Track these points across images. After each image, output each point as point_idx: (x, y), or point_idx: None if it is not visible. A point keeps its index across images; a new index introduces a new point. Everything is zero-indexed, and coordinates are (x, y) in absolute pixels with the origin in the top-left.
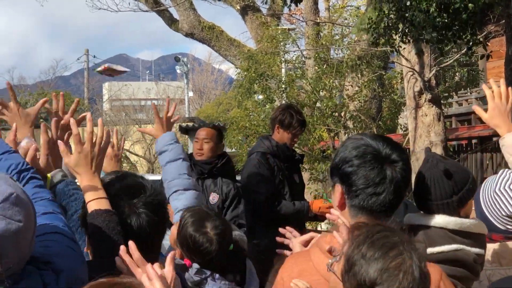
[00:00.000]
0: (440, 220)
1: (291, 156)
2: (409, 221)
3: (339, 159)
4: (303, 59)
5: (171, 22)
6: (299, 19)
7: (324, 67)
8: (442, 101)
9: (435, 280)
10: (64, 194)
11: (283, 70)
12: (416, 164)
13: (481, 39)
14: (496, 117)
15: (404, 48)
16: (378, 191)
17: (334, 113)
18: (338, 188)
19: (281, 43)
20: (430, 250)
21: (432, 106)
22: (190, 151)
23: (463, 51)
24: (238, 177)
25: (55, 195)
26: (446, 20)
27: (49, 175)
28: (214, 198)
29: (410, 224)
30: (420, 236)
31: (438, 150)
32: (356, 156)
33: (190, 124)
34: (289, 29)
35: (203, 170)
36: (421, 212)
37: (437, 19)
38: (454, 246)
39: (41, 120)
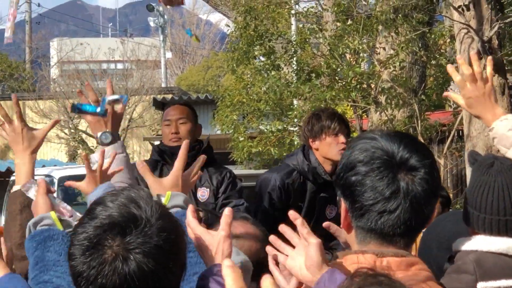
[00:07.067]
0: (501, 243)
1: (327, 183)
2: (457, 247)
3: (342, 165)
4: (320, 10)
5: None
6: None
7: (348, 22)
8: (506, 68)
9: None
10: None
11: (292, 27)
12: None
13: None
14: (474, 105)
15: None
16: (389, 208)
17: (361, 84)
18: (343, 204)
19: None
20: (482, 285)
21: (494, 75)
22: None
23: None
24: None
25: None
26: None
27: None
28: (203, 193)
29: (457, 250)
30: (469, 265)
31: None
32: (362, 162)
33: (169, 96)
34: None
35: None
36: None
37: None
38: None
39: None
